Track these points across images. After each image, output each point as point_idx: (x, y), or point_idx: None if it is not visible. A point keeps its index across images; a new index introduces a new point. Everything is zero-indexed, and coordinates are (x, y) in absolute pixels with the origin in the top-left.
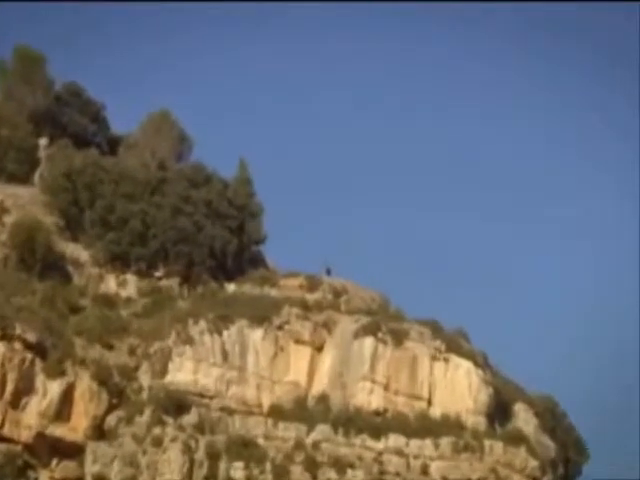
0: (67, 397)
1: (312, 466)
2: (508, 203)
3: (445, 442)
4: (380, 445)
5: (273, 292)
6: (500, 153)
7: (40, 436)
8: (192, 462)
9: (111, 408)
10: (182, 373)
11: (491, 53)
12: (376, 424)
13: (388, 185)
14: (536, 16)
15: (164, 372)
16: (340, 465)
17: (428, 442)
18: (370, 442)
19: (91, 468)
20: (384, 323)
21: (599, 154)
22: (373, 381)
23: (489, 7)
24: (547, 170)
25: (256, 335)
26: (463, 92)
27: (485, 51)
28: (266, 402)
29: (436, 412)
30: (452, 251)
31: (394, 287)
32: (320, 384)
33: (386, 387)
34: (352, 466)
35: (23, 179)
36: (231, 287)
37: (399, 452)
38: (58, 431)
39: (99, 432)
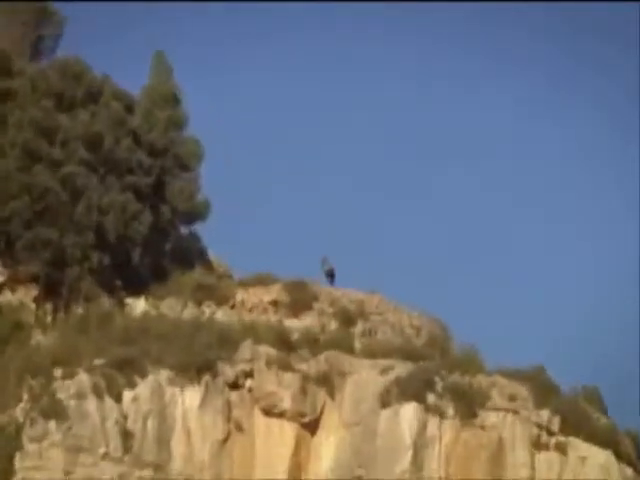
0: None
1: None
2: (507, 203)
3: None
4: None
5: (222, 314)
6: (499, 152)
7: None
8: None
9: None
10: (43, 474)
11: (492, 51)
12: None
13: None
14: (536, 15)
15: (9, 471)
16: None
17: None
18: None
19: None
20: (440, 375)
21: (600, 153)
22: None
23: (490, 6)
24: (547, 169)
25: (189, 399)
26: (462, 89)
27: (486, 49)
28: None
29: None
30: (452, 250)
31: (458, 306)
32: None
33: None
34: None
35: None
36: (140, 305)
37: None
38: None
39: None
